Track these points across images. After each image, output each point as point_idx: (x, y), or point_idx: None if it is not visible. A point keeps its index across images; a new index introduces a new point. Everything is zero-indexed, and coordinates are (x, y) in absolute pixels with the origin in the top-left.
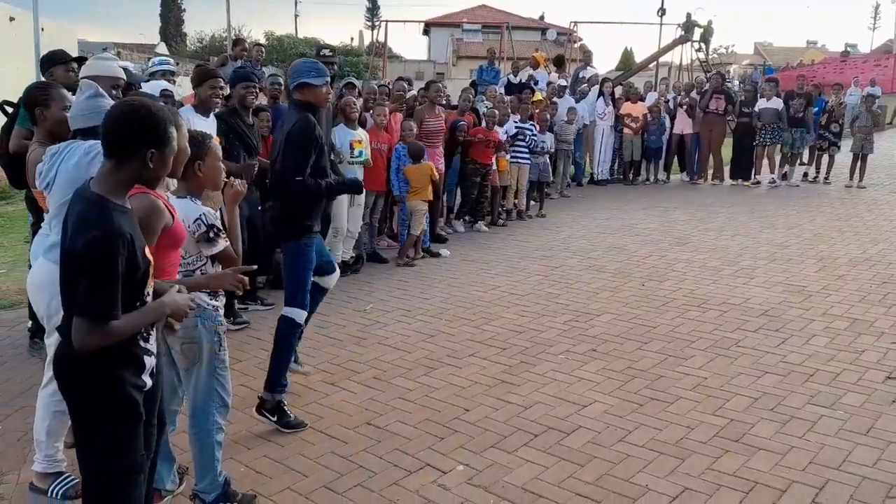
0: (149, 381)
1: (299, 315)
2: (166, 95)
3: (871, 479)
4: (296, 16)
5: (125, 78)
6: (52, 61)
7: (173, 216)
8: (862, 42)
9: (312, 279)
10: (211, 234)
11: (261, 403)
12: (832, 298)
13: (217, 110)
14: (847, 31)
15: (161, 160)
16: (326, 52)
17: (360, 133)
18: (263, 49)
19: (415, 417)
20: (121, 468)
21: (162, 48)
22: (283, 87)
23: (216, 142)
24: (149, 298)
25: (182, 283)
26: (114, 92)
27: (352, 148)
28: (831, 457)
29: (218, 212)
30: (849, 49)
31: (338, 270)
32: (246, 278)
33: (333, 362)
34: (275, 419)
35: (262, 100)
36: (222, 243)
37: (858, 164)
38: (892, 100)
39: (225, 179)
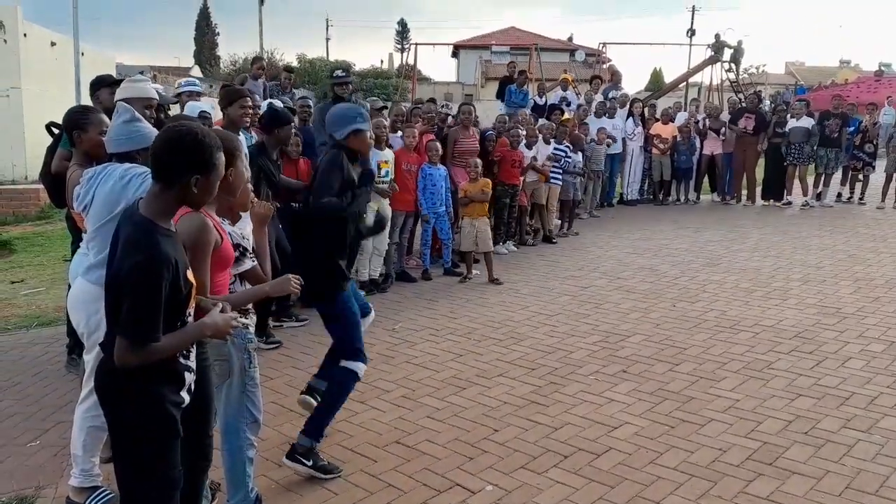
0: (186, 398)
1: (361, 368)
2: (204, 117)
3: None
4: (327, 39)
5: (157, 98)
6: (99, 84)
7: (222, 236)
8: None
9: None
10: (237, 254)
11: (293, 449)
12: (868, 321)
13: (249, 137)
14: (881, 50)
15: (206, 186)
16: (339, 72)
17: (388, 154)
18: (293, 75)
19: (444, 437)
20: (157, 484)
21: (196, 71)
22: (311, 110)
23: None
24: (190, 318)
25: (244, 293)
26: (147, 112)
27: (379, 168)
28: (868, 482)
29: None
30: (883, 68)
31: (373, 312)
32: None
33: (363, 381)
34: (310, 464)
35: None
36: (248, 262)
37: (893, 184)
38: None
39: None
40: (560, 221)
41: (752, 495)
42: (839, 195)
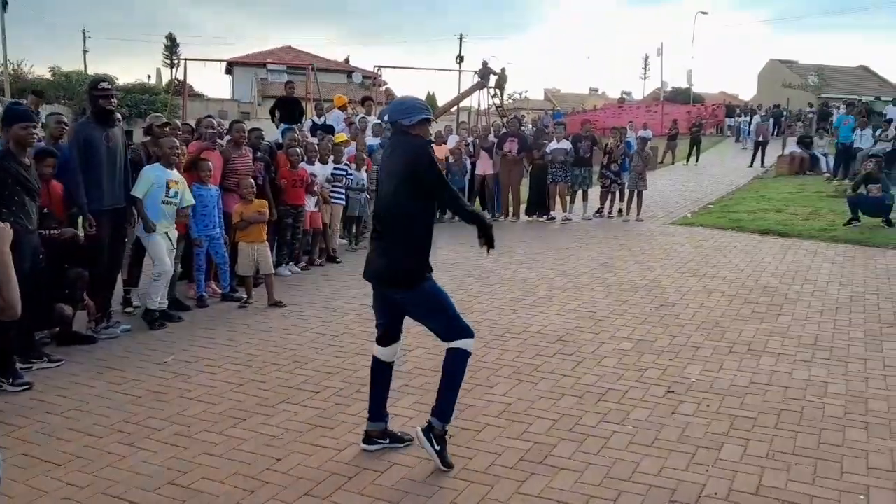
0: None
1: (469, 344)
2: None
3: (656, 486)
4: (85, 52)
5: None
6: None
7: None
8: (636, 90)
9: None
10: None
11: (429, 427)
12: (619, 322)
13: None
14: (623, 80)
15: None
16: (105, 84)
17: (176, 174)
18: (41, 100)
19: (222, 472)
20: None
21: None
22: (66, 127)
23: None
24: None
25: None
26: None
27: (168, 187)
28: (623, 470)
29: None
30: (624, 96)
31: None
32: None
33: (130, 421)
34: (438, 448)
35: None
36: None
37: (635, 199)
38: (662, 142)
39: None
40: (346, 240)
41: (525, 494)
42: (599, 210)
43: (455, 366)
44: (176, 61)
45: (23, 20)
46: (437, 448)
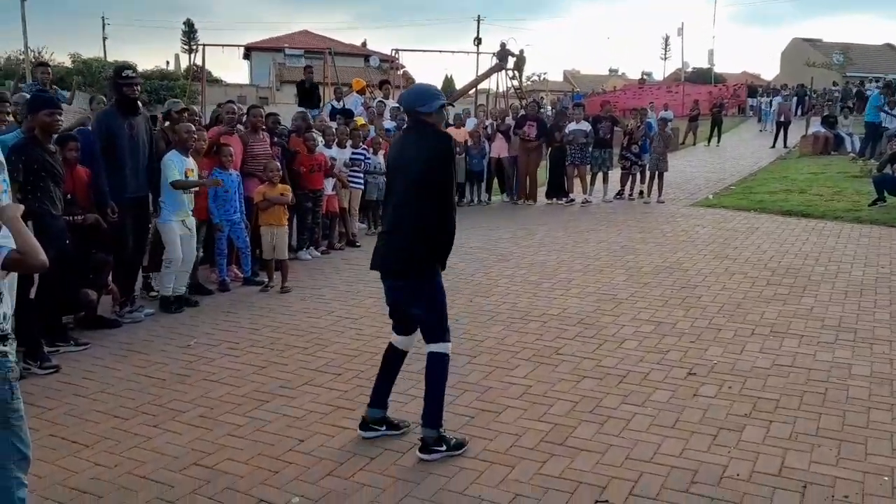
0: None
1: (448, 347)
2: None
3: (678, 467)
4: (104, 38)
5: None
6: None
7: None
8: (656, 70)
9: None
10: None
11: (424, 443)
12: (639, 304)
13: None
14: (643, 60)
15: None
16: (129, 72)
17: (191, 162)
18: (48, 68)
19: (246, 453)
20: None
21: None
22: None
23: None
24: None
25: None
26: None
27: (186, 177)
28: (644, 451)
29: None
30: (645, 77)
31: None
32: None
33: (155, 403)
34: (444, 449)
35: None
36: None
37: (656, 181)
38: (683, 122)
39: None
40: (365, 224)
41: (545, 475)
42: (619, 192)
43: (438, 372)
44: (194, 47)
45: (43, 8)
46: (444, 448)
